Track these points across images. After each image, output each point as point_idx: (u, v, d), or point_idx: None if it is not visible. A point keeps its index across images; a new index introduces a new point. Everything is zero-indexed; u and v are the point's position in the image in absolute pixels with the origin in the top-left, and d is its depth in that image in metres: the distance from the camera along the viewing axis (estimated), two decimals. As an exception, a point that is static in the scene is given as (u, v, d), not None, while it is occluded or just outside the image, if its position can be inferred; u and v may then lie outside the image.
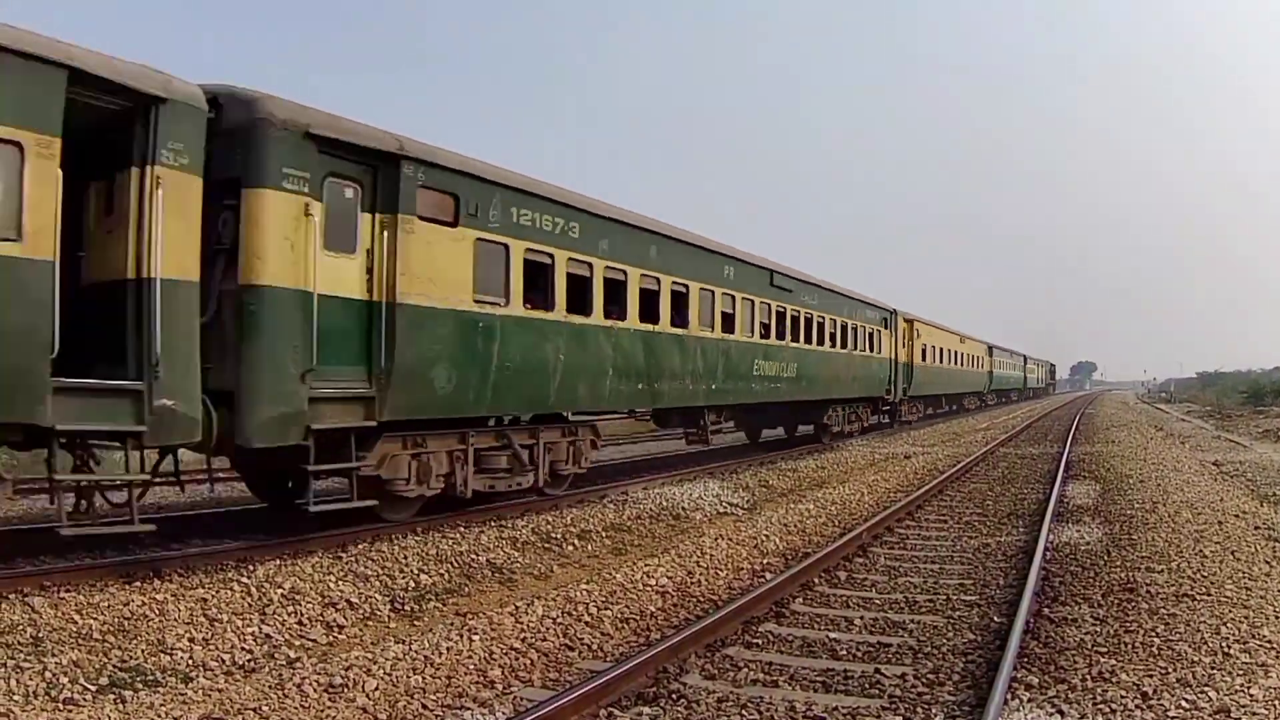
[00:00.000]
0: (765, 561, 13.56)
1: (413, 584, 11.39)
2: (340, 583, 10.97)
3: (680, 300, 21.55)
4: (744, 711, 7.52)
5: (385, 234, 13.27)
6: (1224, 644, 8.69)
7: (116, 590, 9.99)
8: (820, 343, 31.64)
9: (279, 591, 10.32)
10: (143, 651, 8.37)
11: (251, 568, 11.27)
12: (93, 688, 7.53)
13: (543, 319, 16.53)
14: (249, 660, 8.55)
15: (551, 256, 16.76)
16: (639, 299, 19.67)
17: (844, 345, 34.34)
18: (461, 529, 14.42)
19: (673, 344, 21.04)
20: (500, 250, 15.51)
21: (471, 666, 8.52)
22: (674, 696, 7.84)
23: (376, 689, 7.76)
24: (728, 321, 24.18)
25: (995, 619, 10.20)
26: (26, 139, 9.43)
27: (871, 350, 38.23)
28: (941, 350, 53.78)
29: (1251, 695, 7.38)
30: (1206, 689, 7.55)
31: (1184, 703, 7.28)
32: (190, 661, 8.30)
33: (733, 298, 24.43)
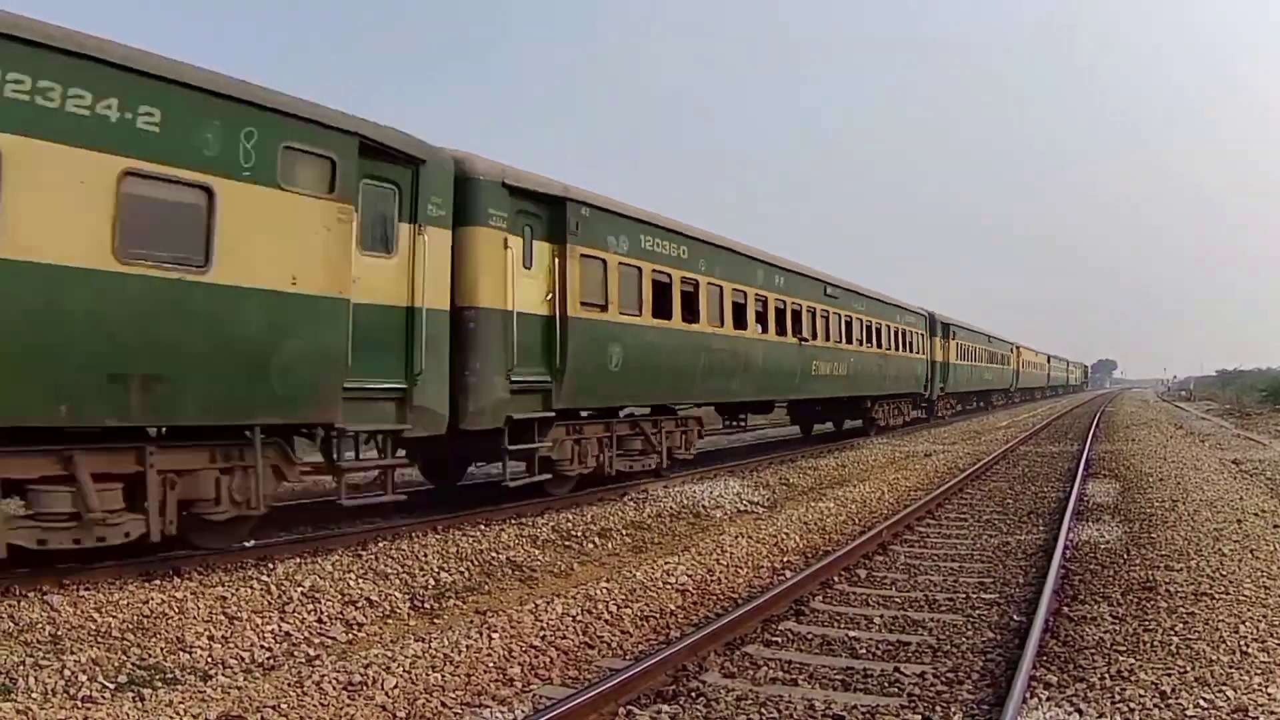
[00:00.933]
0: (785, 560, 13.54)
1: (432, 582, 11.42)
2: (360, 581, 11.00)
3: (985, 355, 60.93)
4: (763, 710, 7.51)
5: None
6: (1242, 643, 8.64)
7: (136, 588, 10.05)
8: (998, 363, 68.93)
9: (299, 589, 10.36)
10: (162, 649, 8.41)
11: (271, 566, 11.33)
12: (111, 686, 7.56)
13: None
14: (268, 658, 8.58)
15: (1004, 349, 67.16)
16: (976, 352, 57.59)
17: (1002, 363, 71.67)
18: (482, 527, 14.46)
19: (979, 371, 54.90)
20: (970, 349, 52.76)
21: (491, 664, 8.52)
22: (693, 695, 7.84)
23: (396, 687, 7.77)
24: (983, 359, 58.99)
25: (1015, 617, 10.16)
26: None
27: (1006, 365, 74.29)
28: (1028, 361, 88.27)
29: (1269, 695, 7.33)
30: (1224, 688, 7.51)
31: (1202, 702, 7.24)
32: (209, 659, 8.33)
33: (989, 352, 59.39)
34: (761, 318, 25.64)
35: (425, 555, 12.40)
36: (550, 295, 16.79)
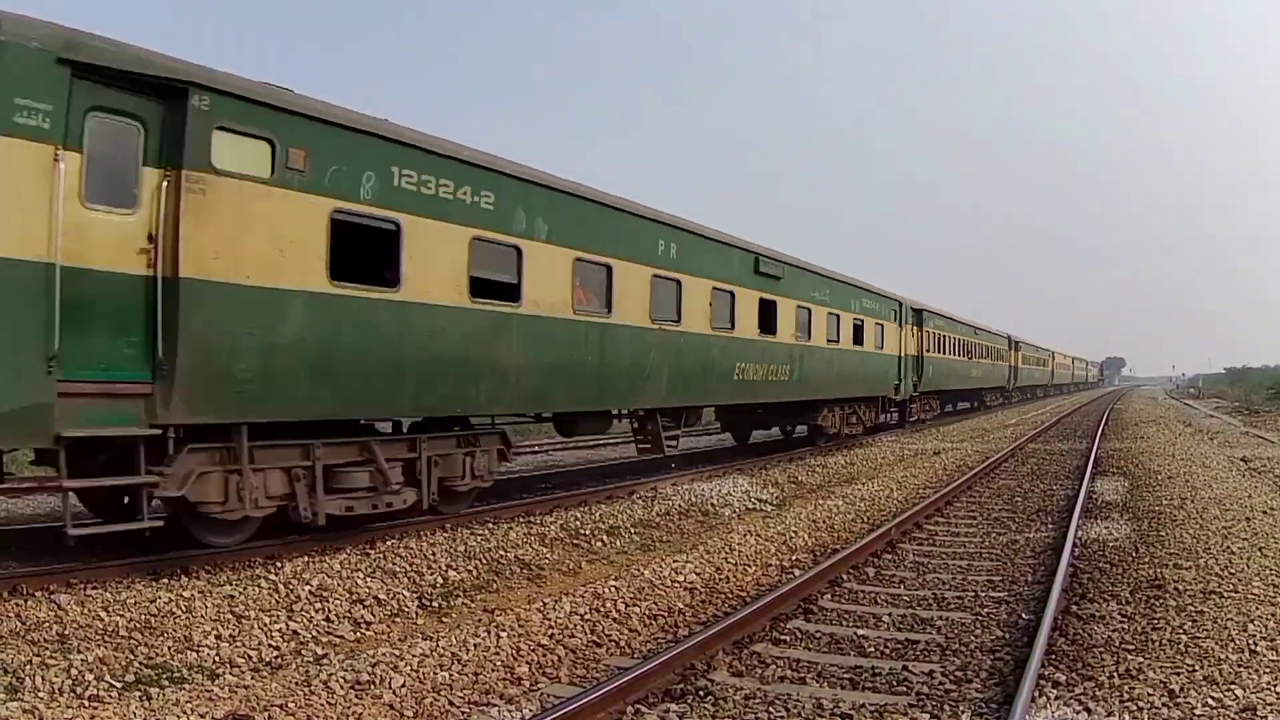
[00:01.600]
0: (794, 558, 13.53)
1: (441, 580, 11.42)
2: (368, 579, 11.00)
3: (1035, 360, 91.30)
4: (771, 709, 7.50)
5: None
6: (1251, 641, 8.62)
7: (143, 587, 10.04)
8: (1042, 366, 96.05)
9: (306, 588, 10.36)
10: (169, 648, 8.41)
11: (279, 565, 11.31)
12: (118, 685, 7.56)
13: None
14: (276, 657, 8.59)
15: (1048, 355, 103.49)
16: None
17: (1044, 365, 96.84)
18: (490, 525, 14.45)
19: (1032, 371, 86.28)
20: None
21: (499, 663, 8.53)
22: (701, 693, 7.84)
23: (403, 685, 7.77)
24: (1034, 363, 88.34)
25: (1023, 616, 10.16)
26: None
27: (1046, 366, 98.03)
28: (1059, 363, 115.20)
29: (1278, 693, 7.33)
30: (1233, 686, 7.50)
31: (1210, 700, 7.23)
32: (217, 658, 8.34)
33: (1037, 358, 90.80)
34: (962, 349, 51.28)
35: (434, 554, 12.39)
36: (918, 347, 39.55)
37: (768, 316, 24.45)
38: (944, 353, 46.17)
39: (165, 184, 10.37)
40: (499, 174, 14.74)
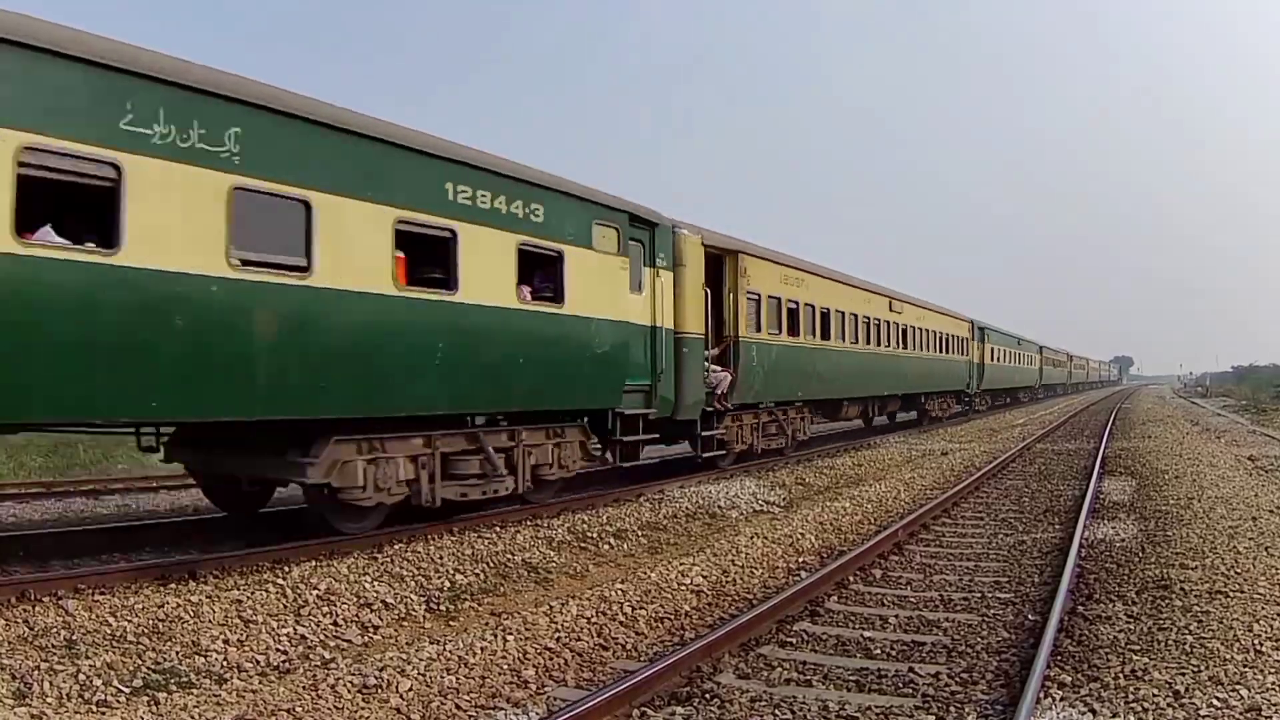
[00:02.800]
0: (801, 560, 13.53)
1: (448, 584, 11.43)
2: (375, 583, 11.01)
3: (1080, 366, 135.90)
4: (777, 711, 7.50)
5: None
6: (1256, 641, 8.61)
7: (151, 592, 10.06)
8: (1082, 370, 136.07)
9: (314, 592, 10.38)
10: (177, 653, 8.42)
11: (287, 569, 11.34)
12: (126, 689, 7.57)
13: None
14: (283, 661, 8.60)
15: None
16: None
17: (1083, 369, 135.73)
18: (497, 529, 14.47)
19: (1078, 374, 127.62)
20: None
21: (506, 666, 8.53)
22: (707, 696, 7.83)
23: (410, 689, 7.79)
24: (1079, 368, 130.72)
25: (1030, 617, 10.15)
26: None
27: (1083, 369, 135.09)
28: (1091, 366, 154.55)
29: (1284, 693, 7.33)
30: (1238, 687, 7.48)
31: (1215, 701, 7.22)
32: (224, 663, 8.35)
33: (1081, 365, 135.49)
34: (1053, 363, 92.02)
35: (441, 557, 12.41)
36: (1040, 364, 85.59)
37: (1033, 360, 75.10)
38: (1047, 366, 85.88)
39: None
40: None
